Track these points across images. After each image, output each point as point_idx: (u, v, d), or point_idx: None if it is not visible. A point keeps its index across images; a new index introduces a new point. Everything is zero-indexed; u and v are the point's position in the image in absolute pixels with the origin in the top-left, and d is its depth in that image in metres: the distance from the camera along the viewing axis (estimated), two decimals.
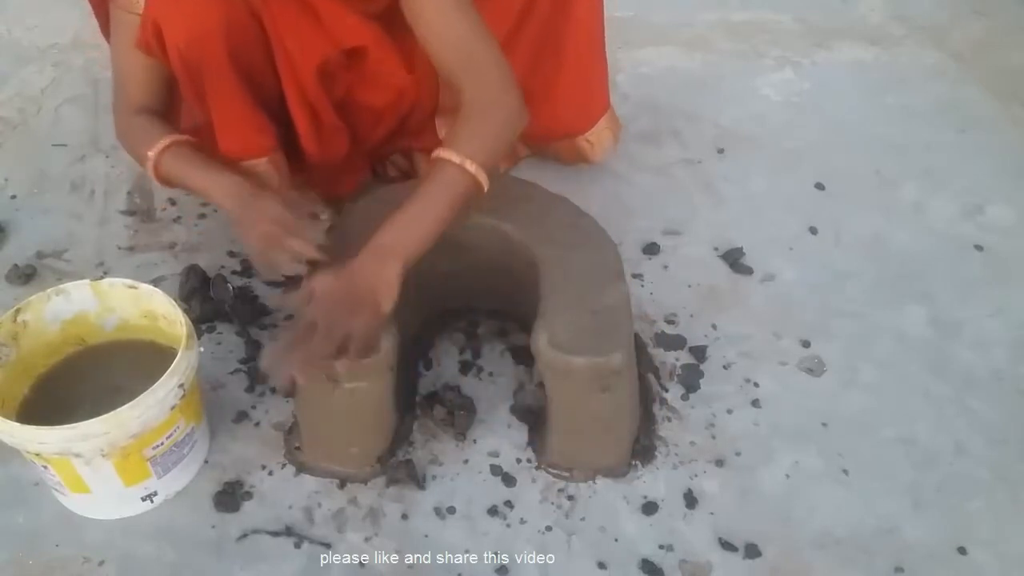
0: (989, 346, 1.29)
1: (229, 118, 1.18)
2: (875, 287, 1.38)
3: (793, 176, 1.58)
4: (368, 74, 1.24)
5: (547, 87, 1.35)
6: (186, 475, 1.06)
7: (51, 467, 0.96)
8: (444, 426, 1.13)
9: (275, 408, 1.16)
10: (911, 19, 2.06)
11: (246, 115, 1.19)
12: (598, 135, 1.45)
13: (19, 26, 1.87)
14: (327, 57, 1.18)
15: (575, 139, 1.44)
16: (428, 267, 1.18)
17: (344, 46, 1.18)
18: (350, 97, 1.27)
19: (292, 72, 1.18)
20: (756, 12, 2.05)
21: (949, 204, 1.54)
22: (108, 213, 1.44)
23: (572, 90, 1.38)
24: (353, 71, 1.24)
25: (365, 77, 1.25)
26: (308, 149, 1.26)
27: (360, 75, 1.24)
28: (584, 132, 1.43)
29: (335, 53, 1.18)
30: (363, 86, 1.26)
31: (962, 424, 1.18)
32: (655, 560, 1.02)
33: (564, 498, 1.08)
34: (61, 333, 1.06)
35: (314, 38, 1.16)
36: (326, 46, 1.17)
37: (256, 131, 1.20)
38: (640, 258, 1.40)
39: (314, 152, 1.27)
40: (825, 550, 1.04)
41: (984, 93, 1.82)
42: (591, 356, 1.01)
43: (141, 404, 0.92)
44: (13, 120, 1.63)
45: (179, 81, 1.17)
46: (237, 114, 1.18)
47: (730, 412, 1.18)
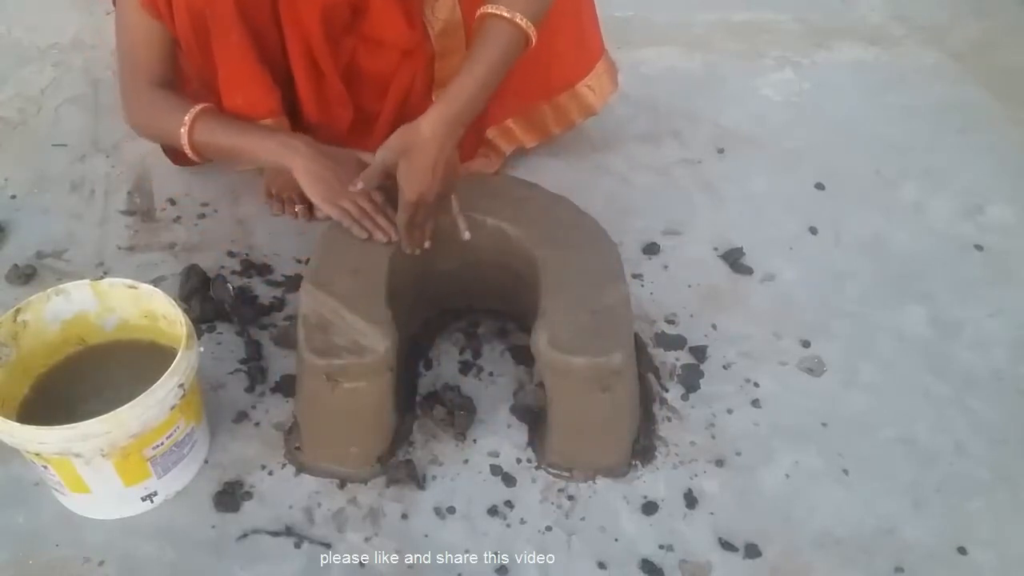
0: (989, 346, 1.29)
1: (237, 77, 1.18)
2: (875, 287, 1.38)
3: (793, 176, 1.58)
4: (371, 35, 1.25)
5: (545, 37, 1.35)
6: (186, 475, 1.06)
7: (51, 467, 0.96)
8: (444, 426, 1.13)
9: (275, 408, 1.16)
10: (911, 19, 2.06)
11: (255, 74, 1.19)
12: (597, 79, 1.45)
13: (19, 26, 1.87)
14: (333, 7, 1.18)
15: (576, 89, 1.44)
16: (428, 267, 1.19)
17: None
18: (354, 64, 1.28)
19: (297, 24, 1.19)
20: (756, 12, 2.05)
21: (949, 204, 1.54)
22: (108, 213, 1.44)
23: (567, 36, 1.38)
24: (356, 34, 1.24)
25: (368, 39, 1.26)
26: (308, 112, 1.27)
27: (363, 37, 1.25)
28: (583, 78, 1.43)
29: (340, 4, 1.19)
30: (366, 49, 1.27)
31: (962, 424, 1.18)
32: (655, 560, 1.02)
33: (564, 498, 1.08)
34: (61, 333, 1.06)
35: None
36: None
37: (264, 91, 1.21)
38: (640, 258, 1.40)
39: (314, 115, 1.27)
40: (825, 550, 1.04)
41: (984, 93, 1.82)
42: (591, 356, 1.01)
43: (141, 404, 0.92)
44: (13, 120, 1.63)
45: (183, 44, 1.17)
46: (246, 73, 1.18)
47: (730, 412, 1.18)
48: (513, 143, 1.48)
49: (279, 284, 1.32)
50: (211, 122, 1.18)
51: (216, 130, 1.18)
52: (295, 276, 1.32)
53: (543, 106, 1.46)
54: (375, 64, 1.29)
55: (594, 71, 1.44)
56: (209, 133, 1.17)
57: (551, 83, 1.43)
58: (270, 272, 1.34)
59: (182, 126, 1.16)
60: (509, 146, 1.48)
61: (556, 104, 1.46)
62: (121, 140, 1.57)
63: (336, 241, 1.14)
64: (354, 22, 1.24)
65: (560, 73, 1.42)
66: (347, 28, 1.24)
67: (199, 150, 1.19)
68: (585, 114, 1.48)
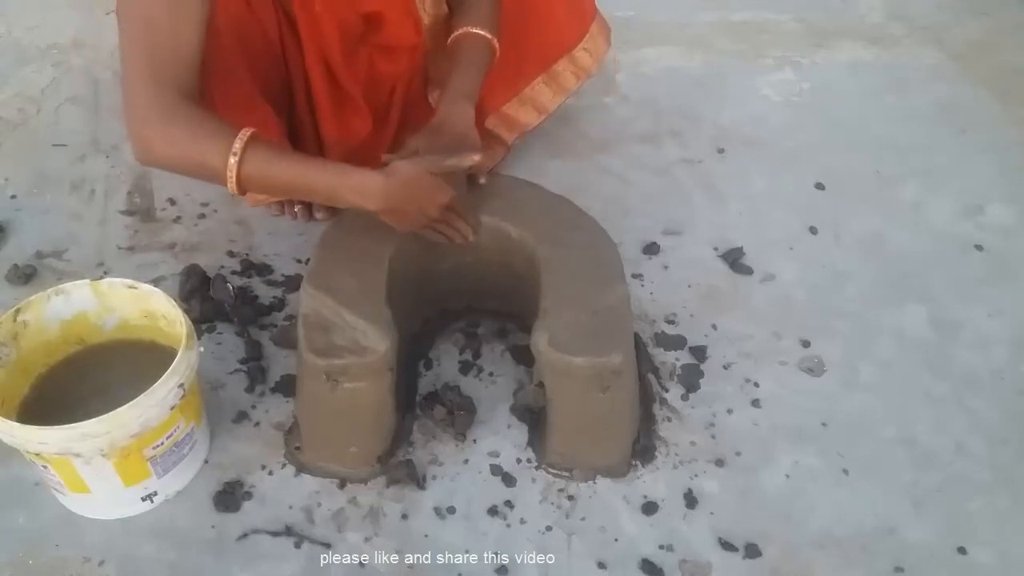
0: (989, 346, 1.29)
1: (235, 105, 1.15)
2: (875, 287, 1.38)
3: (793, 176, 1.58)
4: (384, 42, 1.27)
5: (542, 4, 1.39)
6: (186, 475, 1.06)
7: (51, 467, 0.96)
8: (444, 426, 1.13)
9: (275, 408, 1.16)
10: (911, 19, 2.06)
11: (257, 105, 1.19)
12: (592, 40, 1.46)
13: (19, 26, 1.87)
14: (349, 22, 1.20)
15: (573, 54, 1.45)
16: (428, 267, 1.19)
17: (364, 9, 1.21)
18: (369, 72, 1.29)
19: (316, 43, 1.19)
20: (756, 12, 2.05)
21: (949, 204, 1.54)
22: (108, 213, 1.44)
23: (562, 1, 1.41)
24: (369, 42, 1.25)
25: (381, 46, 1.27)
26: (327, 130, 1.27)
27: (376, 46, 1.27)
28: (580, 42, 1.45)
29: (354, 17, 1.20)
30: (380, 55, 1.29)
31: (962, 424, 1.18)
32: (655, 560, 1.02)
33: (564, 498, 1.08)
34: (61, 333, 1.06)
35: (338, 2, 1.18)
36: (347, 9, 1.19)
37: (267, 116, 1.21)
38: (640, 258, 1.40)
39: (333, 132, 1.27)
40: (825, 550, 1.04)
41: (984, 93, 1.82)
42: (591, 356, 1.01)
43: (141, 404, 0.92)
44: (13, 120, 1.63)
45: None
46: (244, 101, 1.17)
47: (730, 412, 1.18)
48: (515, 130, 1.48)
49: (279, 284, 1.32)
50: (266, 151, 0.97)
51: (273, 161, 0.97)
52: (295, 276, 1.32)
53: (539, 82, 1.46)
54: (388, 67, 1.31)
55: (589, 33, 1.46)
56: (264, 164, 0.97)
57: (548, 51, 1.44)
58: (270, 272, 1.34)
59: (230, 155, 0.94)
60: (511, 134, 1.48)
61: (553, 74, 1.46)
62: (121, 140, 1.57)
63: (336, 241, 1.14)
64: (367, 32, 1.25)
65: (557, 39, 1.44)
66: (361, 38, 1.25)
67: (245, 184, 0.98)
68: (582, 76, 1.49)
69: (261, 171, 0.97)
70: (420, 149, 1.11)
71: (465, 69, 1.21)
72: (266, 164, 0.97)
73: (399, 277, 1.11)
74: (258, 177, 0.97)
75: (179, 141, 0.95)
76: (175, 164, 0.99)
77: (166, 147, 0.96)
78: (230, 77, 1.14)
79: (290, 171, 0.99)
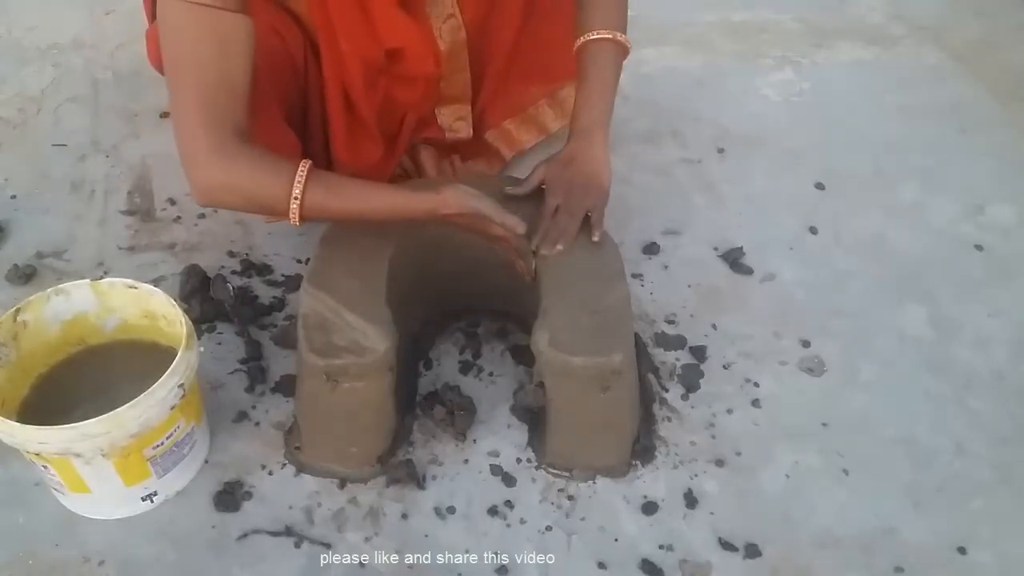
0: (989, 346, 1.29)
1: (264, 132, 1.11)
2: (875, 287, 1.38)
3: (793, 176, 1.58)
4: (403, 72, 1.25)
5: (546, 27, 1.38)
6: (186, 475, 1.06)
7: (51, 467, 0.96)
8: (444, 426, 1.13)
9: (275, 408, 1.16)
10: (911, 19, 2.06)
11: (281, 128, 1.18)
12: None
13: (19, 26, 1.87)
14: (372, 56, 1.18)
15: None
16: (428, 267, 1.19)
17: (388, 46, 1.18)
18: (387, 96, 1.27)
19: (338, 76, 1.18)
20: (756, 12, 2.05)
21: (949, 204, 1.54)
22: (108, 213, 1.44)
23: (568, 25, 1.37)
24: (388, 73, 1.24)
25: (400, 76, 1.25)
26: (338, 151, 1.26)
27: (396, 75, 1.25)
28: None
29: (378, 52, 1.18)
30: (398, 83, 1.27)
31: (962, 424, 1.18)
32: (655, 560, 1.02)
33: (564, 498, 1.08)
34: (61, 333, 1.06)
35: (364, 39, 1.15)
36: (372, 46, 1.17)
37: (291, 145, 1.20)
38: (640, 258, 1.40)
39: (343, 154, 1.27)
40: (825, 550, 1.04)
41: (984, 93, 1.82)
42: (591, 356, 1.01)
43: (141, 404, 0.92)
44: (13, 120, 1.63)
45: None
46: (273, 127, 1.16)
47: (730, 412, 1.18)
48: (514, 147, 1.48)
49: (279, 284, 1.32)
50: (325, 182, 1.00)
51: (332, 190, 1.00)
52: (295, 276, 1.32)
53: (543, 104, 1.46)
54: (404, 95, 1.29)
55: None
56: (328, 194, 1.00)
57: (553, 75, 1.44)
58: (270, 272, 1.34)
59: (295, 185, 0.97)
60: (510, 151, 1.48)
61: (558, 99, 1.46)
62: (121, 140, 1.57)
63: (336, 241, 1.14)
64: (388, 64, 1.22)
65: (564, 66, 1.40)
66: (382, 70, 1.23)
67: (307, 215, 1.00)
68: None
69: (322, 202, 1.00)
70: (547, 180, 1.17)
71: (595, 86, 1.18)
72: (332, 194, 1.01)
73: (399, 277, 1.11)
74: (319, 207, 1.00)
75: (242, 182, 0.98)
76: (237, 204, 1.03)
77: (229, 190, 0.99)
78: (261, 104, 1.10)
79: (350, 199, 1.02)
